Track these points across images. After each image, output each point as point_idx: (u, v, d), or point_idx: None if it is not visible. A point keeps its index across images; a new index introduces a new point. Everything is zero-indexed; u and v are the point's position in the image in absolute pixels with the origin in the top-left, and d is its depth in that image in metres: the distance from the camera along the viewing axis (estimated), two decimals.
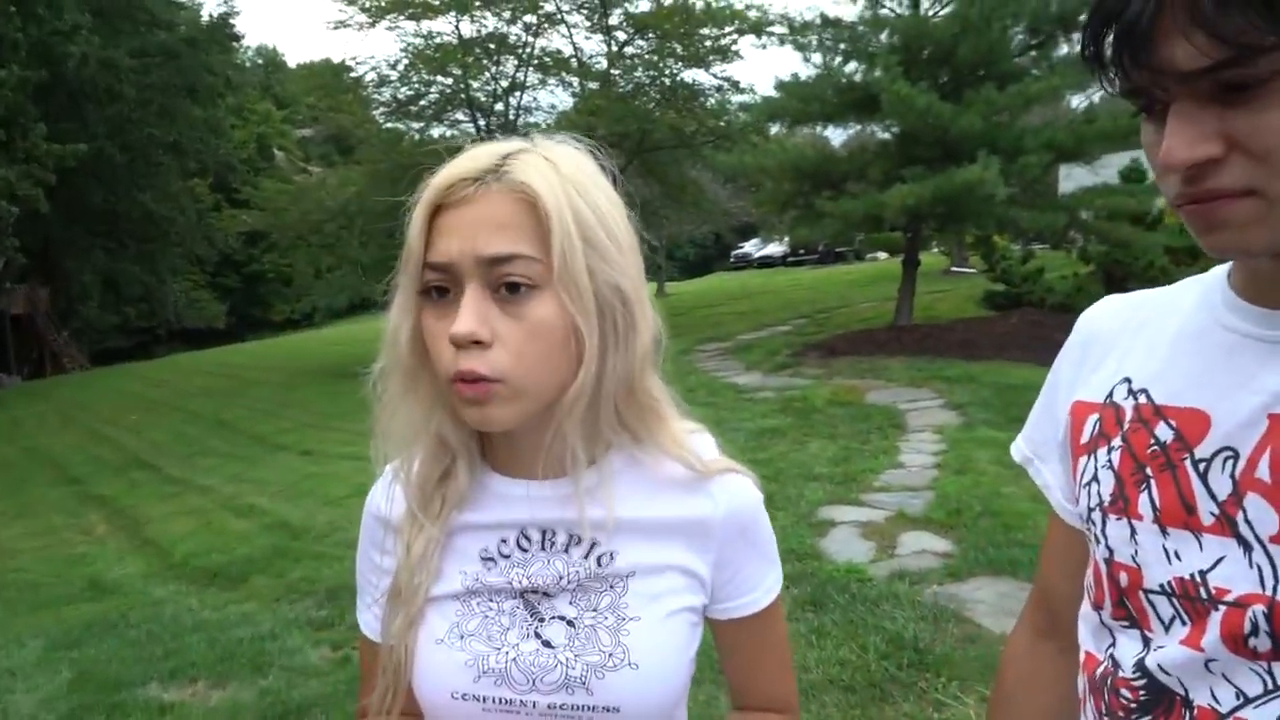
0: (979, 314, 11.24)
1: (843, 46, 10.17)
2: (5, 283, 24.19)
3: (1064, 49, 9.85)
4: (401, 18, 15.02)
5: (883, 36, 9.82)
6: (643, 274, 0.80)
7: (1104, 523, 0.72)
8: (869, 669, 2.88)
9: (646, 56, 15.78)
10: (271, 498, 6.99)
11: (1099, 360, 0.78)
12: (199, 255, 29.42)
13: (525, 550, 0.82)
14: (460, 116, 16.70)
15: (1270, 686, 0.61)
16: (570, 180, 0.74)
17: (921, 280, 11.53)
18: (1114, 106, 11.20)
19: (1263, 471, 0.62)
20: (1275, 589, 0.60)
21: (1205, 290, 0.71)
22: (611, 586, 0.80)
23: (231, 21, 23.71)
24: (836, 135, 12.51)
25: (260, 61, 42.98)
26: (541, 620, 0.80)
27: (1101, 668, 0.72)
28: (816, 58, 10.41)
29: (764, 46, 14.45)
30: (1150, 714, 0.67)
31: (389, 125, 16.98)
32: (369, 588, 0.90)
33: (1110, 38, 0.58)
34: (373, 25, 15.10)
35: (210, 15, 23.35)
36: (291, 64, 44.14)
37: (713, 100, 16.16)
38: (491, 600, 0.81)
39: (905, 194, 8.75)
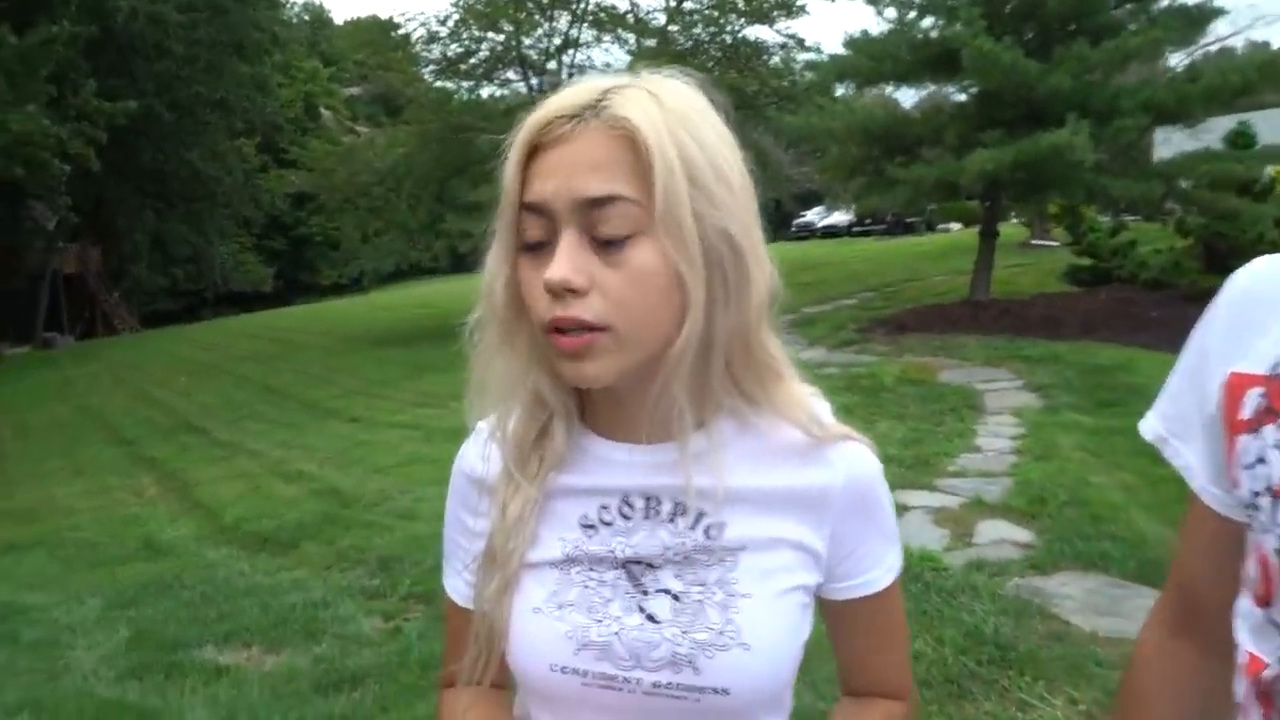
0: (1062, 290, 11.03)
1: (918, 1, 9.94)
2: (58, 241, 25.10)
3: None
4: None
5: None
6: (757, 219, 0.77)
7: (1275, 509, 0.67)
8: (946, 664, 2.84)
9: (706, 12, 15.55)
10: (320, 464, 7.15)
11: (1261, 326, 0.73)
12: (246, 217, 30.10)
13: (628, 518, 0.80)
14: (511, 75, 16.72)
15: None
16: (675, 115, 0.71)
17: (999, 253, 11.32)
18: (1221, 63, 10.75)
19: None
20: None
21: None
22: (720, 560, 0.78)
23: None
24: (909, 97, 12.31)
25: (307, 18, 43.50)
26: (645, 593, 0.78)
27: (1271, 671, 0.68)
28: (890, 12, 10.27)
29: (833, 0, 14.19)
30: None
31: (438, 84, 17.06)
32: (458, 551, 0.89)
33: None
34: None
35: None
36: (338, 20, 44.68)
37: (776, 59, 15.93)
38: (592, 570, 0.79)
39: (984, 160, 8.58)
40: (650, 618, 0.77)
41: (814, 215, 33.68)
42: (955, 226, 25.83)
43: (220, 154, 26.59)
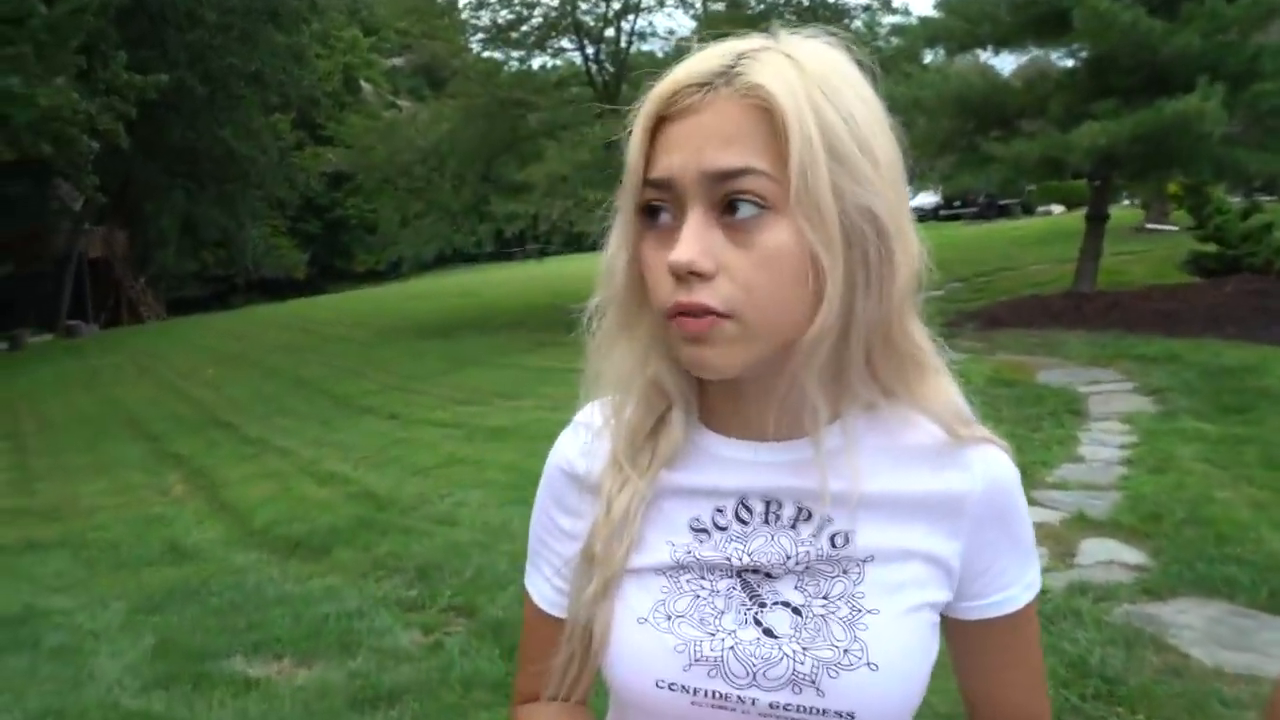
0: (1182, 280, 10.89)
1: None
2: (84, 223, 26.06)
3: None
4: None
5: None
6: (905, 197, 0.76)
7: None
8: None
9: None
10: (355, 464, 7.29)
11: None
12: (280, 198, 30.88)
13: (745, 523, 0.80)
14: (565, 44, 16.89)
15: None
16: (817, 80, 0.70)
17: (1108, 239, 11.17)
18: None
19: None
20: None
21: None
22: (845, 572, 0.78)
23: None
24: (1009, 63, 12.15)
25: None
26: (763, 605, 0.78)
27: None
28: None
29: None
30: None
31: (486, 54, 17.30)
32: (545, 552, 0.90)
33: None
34: None
35: None
36: None
37: (860, 21, 15.83)
38: (704, 578, 0.79)
39: (1096, 133, 8.46)
40: (768, 632, 0.77)
41: None
42: (1057, 209, 25.39)
43: (254, 131, 27.33)
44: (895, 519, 0.79)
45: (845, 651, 0.75)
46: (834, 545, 0.78)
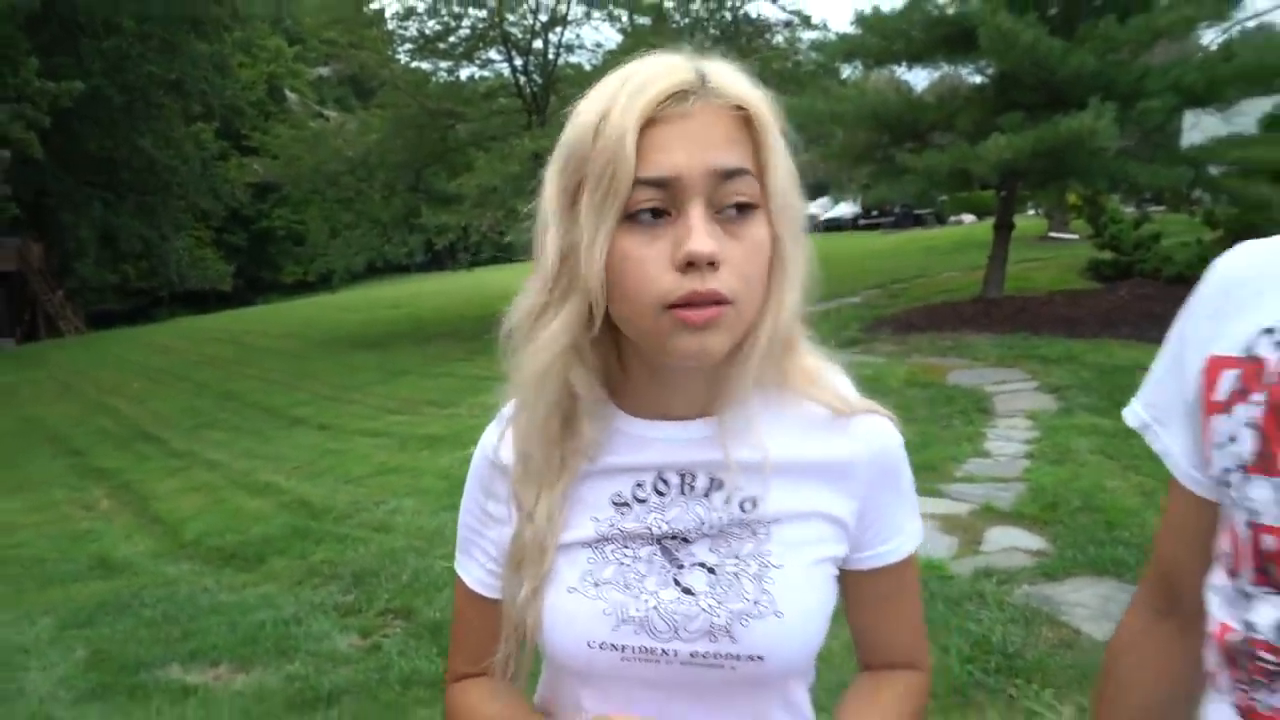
0: (1082, 286, 11.12)
1: None
2: None
3: None
4: None
5: None
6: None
7: (1246, 484, 0.75)
8: (951, 672, 2.94)
9: None
10: (287, 475, 7.21)
11: (1237, 311, 0.80)
12: (204, 209, 30.08)
13: (663, 495, 0.86)
14: (494, 55, 16.78)
15: None
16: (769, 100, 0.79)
17: (1014, 247, 11.38)
18: (1258, 41, 10.85)
19: None
20: None
21: None
22: (754, 533, 0.85)
23: None
24: (922, 79, 12.40)
25: None
26: (681, 567, 0.85)
27: (1237, 635, 0.77)
28: None
29: None
30: None
31: (414, 64, 17.14)
32: (474, 537, 0.95)
33: None
34: None
35: None
36: None
37: (780, 38, 16.12)
38: (627, 547, 0.86)
39: (1001, 146, 8.58)
40: (686, 591, 0.84)
41: (817, 208, 33.74)
42: (968, 219, 25.88)
43: (175, 140, 26.61)
44: (796, 484, 0.86)
45: (755, 603, 0.83)
46: (743, 510, 0.85)
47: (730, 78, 0.78)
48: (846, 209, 31.59)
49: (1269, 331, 0.77)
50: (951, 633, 3.20)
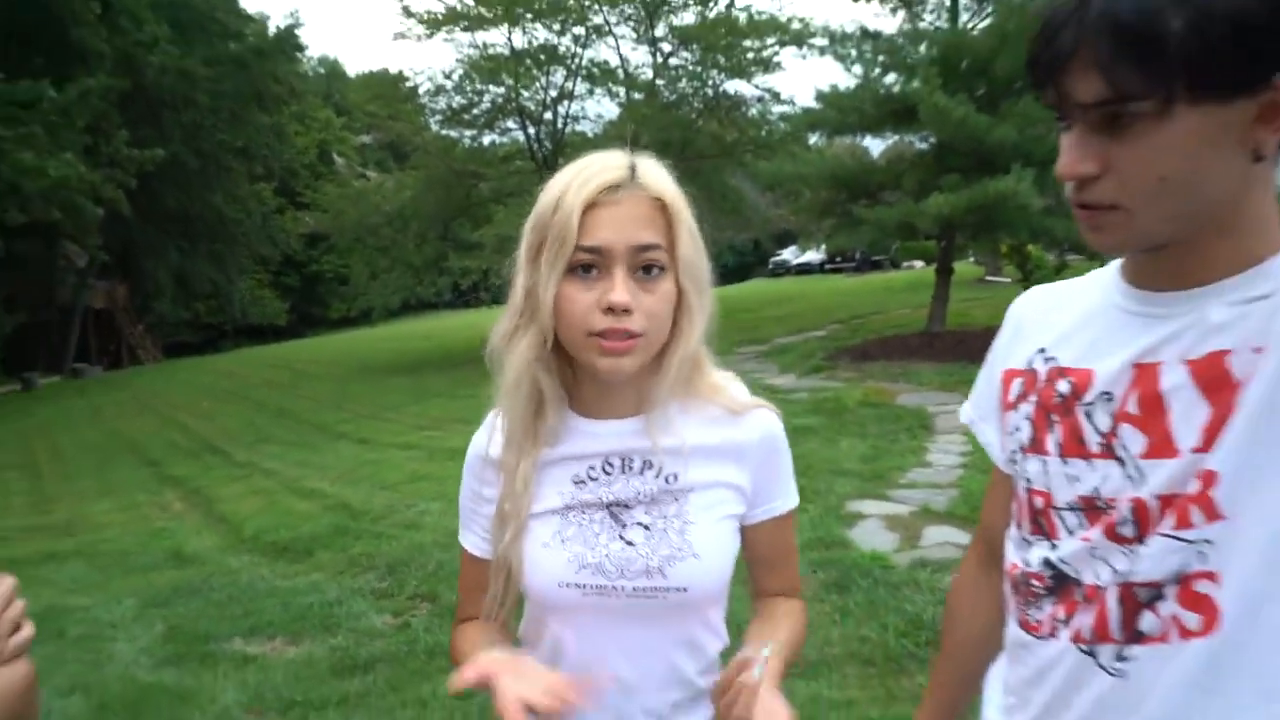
0: None
1: (882, 58, 10.11)
2: (89, 278, 25.20)
3: None
4: (457, 29, 15.32)
5: (922, 49, 9.76)
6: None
7: (1024, 461, 0.89)
8: (888, 646, 3.02)
9: (690, 68, 15.85)
10: (332, 481, 7.20)
11: (1024, 337, 0.95)
12: (263, 255, 30.21)
13: (609, 474, 1.01)
14: (510, 124, 16.95)
15: (1130, 564, 0.80)
16: (679, 190, 0.96)
17: (955, 288, 11.42)
18: None
19: (1131, 406, 0.80)
20: (1139, 487, 0.78)
21: (1108, 277, 0.89)
22: (676, 499, 0.99)
23: (296, 33, 24.30)
24: (874, 145, 12.51)
25: (322, 71, 43.96)
26: (624, 526, 0.99)
27: (1019, 570, 0.90)
28: (856, 69, 10.31)
29: (805, 57, 14.47)
30: (1054, 595, 0.86)
31: (443, 132, 17.32)
32: (474, 515, 1.07)
33: (1039, 65, 0.75)
34: (430, 36, 15.42)
35: (277, 27, 23.93)
36: (351, 74, 45.13)
37: (754, 110, 16.17)
38: (584, 513, 1.00)
39: (940, 203, 8.70)
40: (629, 543, 0.98)
41: (789, 254, 33.86)
42: (918, 264, 25.98)
43: (240, 197, 26.81)
44: (706, 462, 1.01)
45: (679, 549, 0.97)
46: (668, 483, 1.00)
47: (653, 175, 0.94)
48: (815, 255, 31.65)
49: (1041, 351, 0.90)
50: (890, 613, 3.27)
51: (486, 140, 17.30)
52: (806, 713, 2.44)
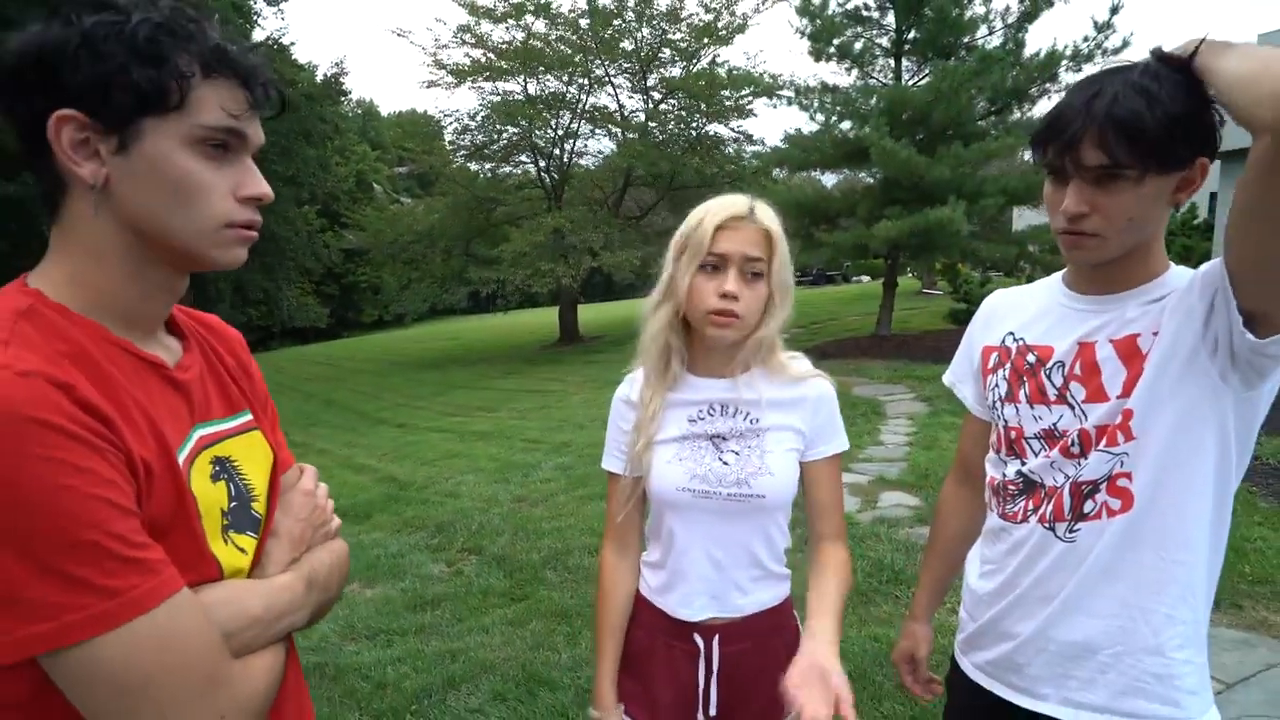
0: (945, 327, 11.33)
1: (839, 108, 10.28)
2: None
3: (1017, 114, 9.98)
4: (480, 79, 15.39)
5: (872, 101, 9.93)
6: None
7: (1003, 408, 1.10)
8: (858, 584, 3.17)
9: (677, 112, 15.97)
10: (379, 459, 7.23)
11: (996, 323, 1.17)
12: (307, 268, 29.85)
13: (713, 415, 1.20)
14: (524, 159, 17.01)
15: (1077, 470, 1.01)
16: (781, 226, 1.17)
17: (898, 299, 11.64)
18: None
19: (1077, 370, 1.02)
20: (1083, 422, 1.00)
21: (1053, 284, 1.13)
22: (757, 435, 1.18)
23: (341, 79, 24.13)
24: (831, 179, 12.65)
25: (360, 111, 43.67)
26: (721, 452, 1.18)
27: (998, 481, 1.12)
28: (818, 117, 10.47)
29: (774, 106, 14.53)
30: (1025, 494, 1.07)
31: (467, 165, 17.36)
32: (616, 443, 1.25)
33: (1053, 140, 0.95)
34: (458, 85, 15.48)
35: (324, 75, 23.76)
36: (384, 113, 44.89)
37: (730, 149, 16.30)
38: (695, 442, 1.20)
39: (887, 228, 8.89)
40: (725, 463, 1.17)
41: None
42: (866, 278, 26.33)
43: (290, 219, 26.42)
44: (777, 411, 1.19)
45: (759, 469, 1.16)
46: (751, 424, 1.18)
47: (766, 215, 1.12)
48: None
49: (1011, 333, 1.13)
50: (858, 559, 3.41)
51: (503, 171, 17.35)
52: None
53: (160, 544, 0.65)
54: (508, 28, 15.05)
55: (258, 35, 21.15)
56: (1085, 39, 9.40)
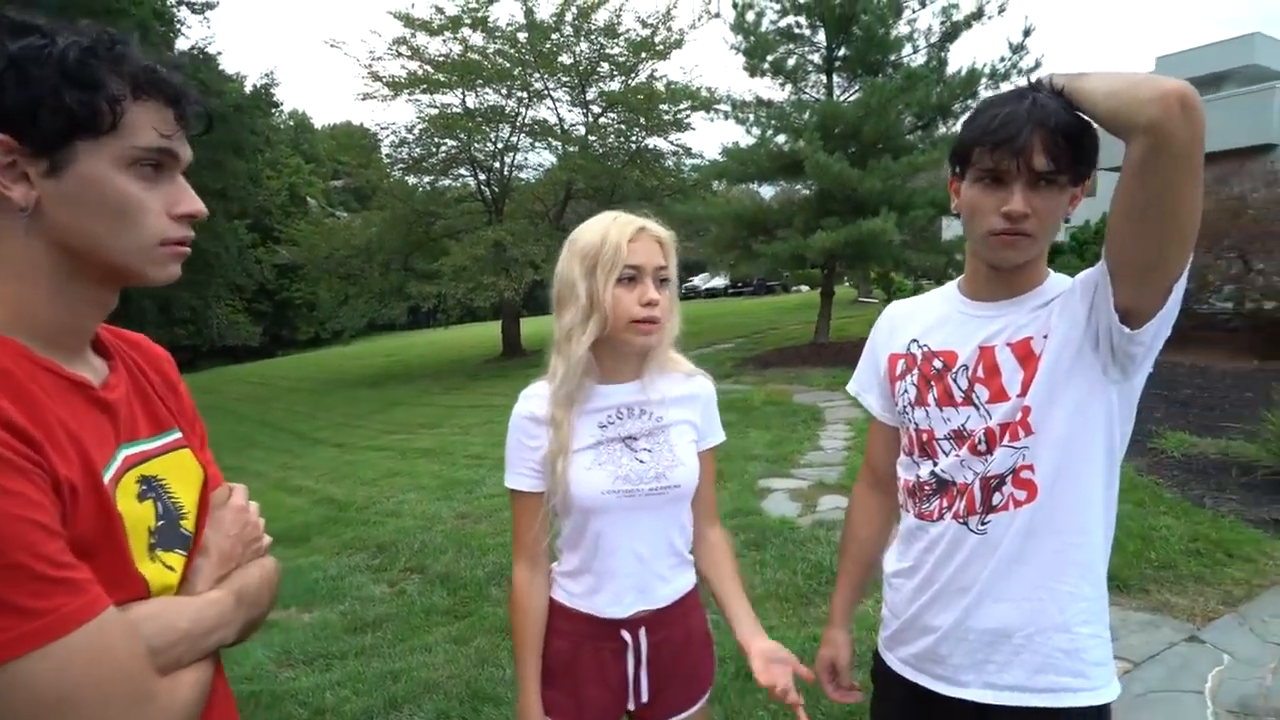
0: None
1: (774, 122, 10.52)
2: None
3: (942, 129, 10.41)
4: (417, 92, 15.21)
5: (805, 116, 10.19)
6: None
7: (912, 411, 1.16)
8: (798, 586, 3.26)
9: (617, 126, 16.06)
10: (316, 480, 7.05)
11: (898, 331, 1.24)
12: (238, 284, 28.92)
13: (622, 419, 1.27)
14: (463, 172, 16.83)
15: (985, 467, 1.07)
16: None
17: (836, 308, 11.95)
18: None
19: (979, 373, 1.09)
20: (988, 421, 1.07)
21: (949, 292, 1.21)
22: (664, 431, 1.28)
23: (272, 91, 23.48)
24: (768, 191, 12.89)
25: (292, 123, 42.45)
26: (635, 452, 1.26)
27: (912, 482, 1.18)
28: (754, 130, 10.71)
29: (712, 120, 14.90)
30: (938, 494, 1.12)
31: (405, 178, 17.10)
32: (521, 460, 1.26)
33: (1004, 144, 1.00)
34: (394, 97, 15.25)
35: (254, 85, 23.08)
36: (318, 125, 43.81)
37: (670, 162, 16.44)
38: (609, 446, 1.26)
39: (823, 239, 9.14)
40: (641, 461, 1.24)
41: (699, 280, 34.50)
42: (805, 288, 26.84)
43: (219, 234, 25.58)
44: (678, 407, 1.29)
45: (672, 461, 1.25)
46: (657, 422, 1.27)
47: (658, 227, 1.21)
48: (720, 281, 32.26)
49: (915, 340, 1.19)
50: (798, 561, 3.50)
51: (442, 185, 17.15)
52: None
53: (87, 564, 0.66)
54: (445, 40, 14.93)
55: (182, 44, 20.44)
56: (1002, 59, 9.90)
